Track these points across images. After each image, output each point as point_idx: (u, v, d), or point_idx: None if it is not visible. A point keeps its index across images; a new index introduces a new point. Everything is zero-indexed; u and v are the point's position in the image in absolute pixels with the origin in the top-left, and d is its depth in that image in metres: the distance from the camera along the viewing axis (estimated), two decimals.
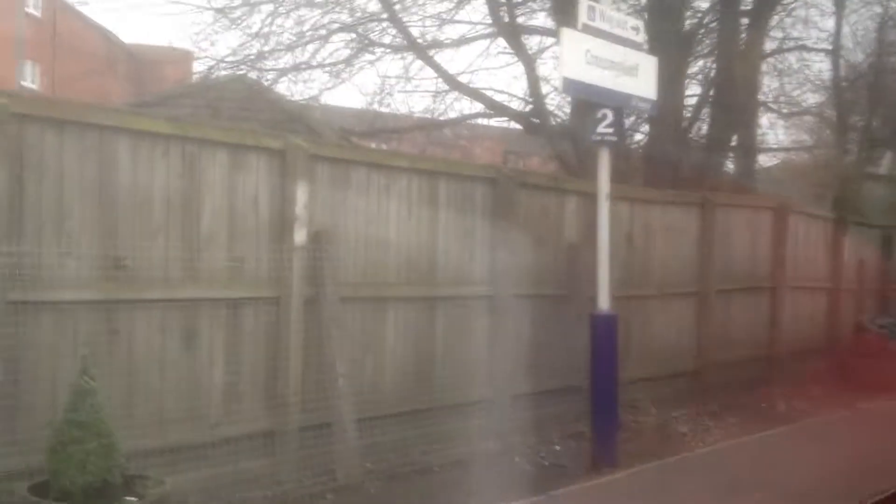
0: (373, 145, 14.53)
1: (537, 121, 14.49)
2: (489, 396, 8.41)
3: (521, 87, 16.48)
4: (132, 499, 5.15)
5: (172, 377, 6.33)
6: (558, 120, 14.84)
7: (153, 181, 6.28)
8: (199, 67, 11.41)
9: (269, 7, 10.31)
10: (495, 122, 16.64)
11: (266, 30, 10.23)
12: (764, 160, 19.83)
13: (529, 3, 14.65)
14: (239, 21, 10.52)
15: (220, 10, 10.27)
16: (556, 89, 13.59)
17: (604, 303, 8.36)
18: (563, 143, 14.08)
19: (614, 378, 8.34)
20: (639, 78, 8.50)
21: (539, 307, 8.99)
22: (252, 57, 9.72)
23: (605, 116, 8.28)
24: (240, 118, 9.71)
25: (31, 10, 33.46)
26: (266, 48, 10.07)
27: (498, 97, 15.03)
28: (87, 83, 21.37)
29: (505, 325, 8.57)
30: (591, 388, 8.36)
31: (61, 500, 4.92)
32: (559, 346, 9.05)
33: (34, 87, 33.51)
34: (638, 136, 15.43)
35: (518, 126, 15.78)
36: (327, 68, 11.84)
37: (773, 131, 19.61)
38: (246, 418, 6.72)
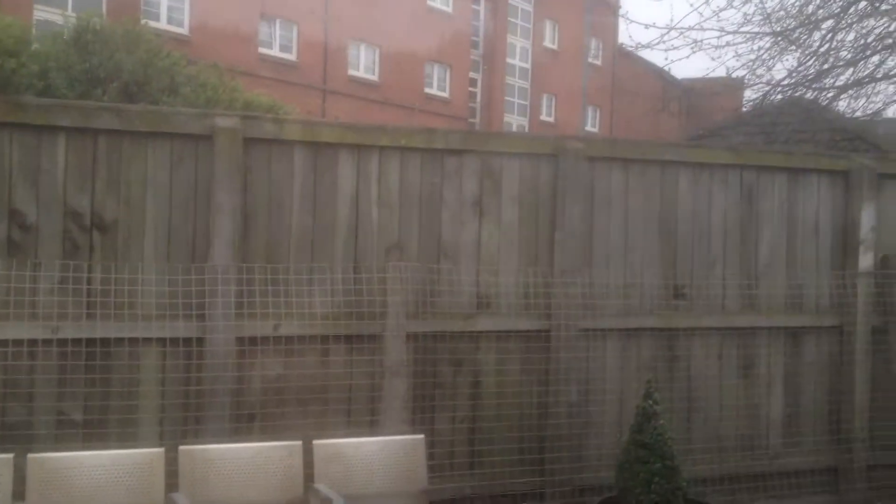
0: None
1: None
2: None
3: None
4: None
5: (729, 404, 6.41)
6: None
7: (710, 211, 6.45)
8: (750, 95, 11.36)
9: (830, 23, 9.85)
10: None
11: (825, 47, 9.81)
12: None
13: None
14: (798, 41, 10.25)
15: (779, 34, 10.11)
16: None
17: None
18: None
19: None
20: None
21: None
22: (810, 77, 9.37)
23: None
24: (795, 141, 9.43)
25: (592, 60, 37.40)
26: (825, 66, 9.66)
27: None
28: (643, 122, 22.42)
29: None
30: None
31: None
32: None
33: (595, 130, 36.92)
34: None
35: None
36: (893, 79, 10.90)
37: None
38: (806, 451, 6.53)
